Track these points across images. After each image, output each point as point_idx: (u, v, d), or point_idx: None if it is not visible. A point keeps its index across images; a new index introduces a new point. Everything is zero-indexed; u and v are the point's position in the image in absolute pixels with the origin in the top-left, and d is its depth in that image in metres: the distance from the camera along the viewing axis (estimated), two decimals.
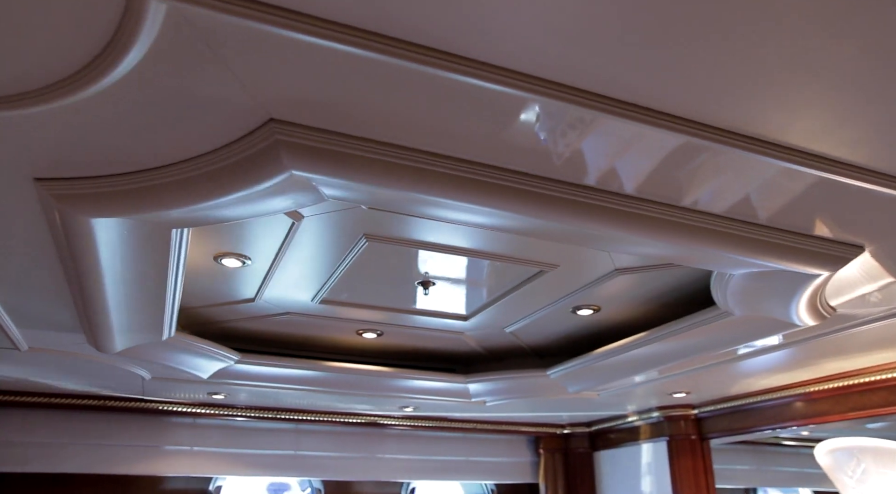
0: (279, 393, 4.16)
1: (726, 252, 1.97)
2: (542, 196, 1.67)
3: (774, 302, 2.37)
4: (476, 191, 1.67)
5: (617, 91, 1.38)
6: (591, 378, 3.70)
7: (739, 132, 1.50)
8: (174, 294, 2.61)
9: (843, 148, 1.56)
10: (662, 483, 4.67)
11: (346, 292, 3.07)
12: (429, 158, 1.60)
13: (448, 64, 1.30)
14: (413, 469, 5.20)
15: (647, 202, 1.80)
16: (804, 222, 1.90)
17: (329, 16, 1.19)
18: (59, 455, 4.38)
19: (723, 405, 4.40)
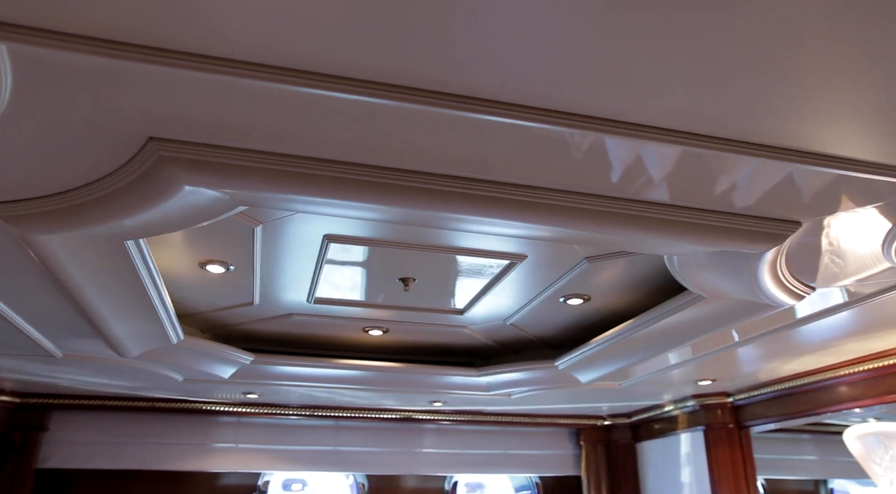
0: (304, 391, 4.34)
1: (651, 236, 1.94)
2: (411, 189, 1.72)
3: (729, 283, 2.29)
4: (350, 189, 1.73)
5: (513, 96, 1.41)
6: (598, 368, 3.66)
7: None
8: (162, 301, 2.81)
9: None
10: (700, 474, 4.53)
11: (335, 292, 3.19)
12: (306, 163, 1.68)
13: (300, 80, 1.38)
14: (453, 463, 5.28)
15: (559, 192, 1.81)
16: (737, 201, 1.84)
17: (165, 45, 1.29)
18: (119, 453, 4.75)
19: (758, 391, 4.22)
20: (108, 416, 4.78)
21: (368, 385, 4.09)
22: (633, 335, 3.11)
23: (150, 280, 2.53)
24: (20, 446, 4.53)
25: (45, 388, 4.50)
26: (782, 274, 2.26)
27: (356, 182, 1.73)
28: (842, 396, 3.69)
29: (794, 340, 3.20)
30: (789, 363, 3.67)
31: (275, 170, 1.69)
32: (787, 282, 2.32)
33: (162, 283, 2.64)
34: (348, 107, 1.45)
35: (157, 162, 1.63)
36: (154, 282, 2.57)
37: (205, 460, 4.87)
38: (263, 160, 1.68)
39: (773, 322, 2.88)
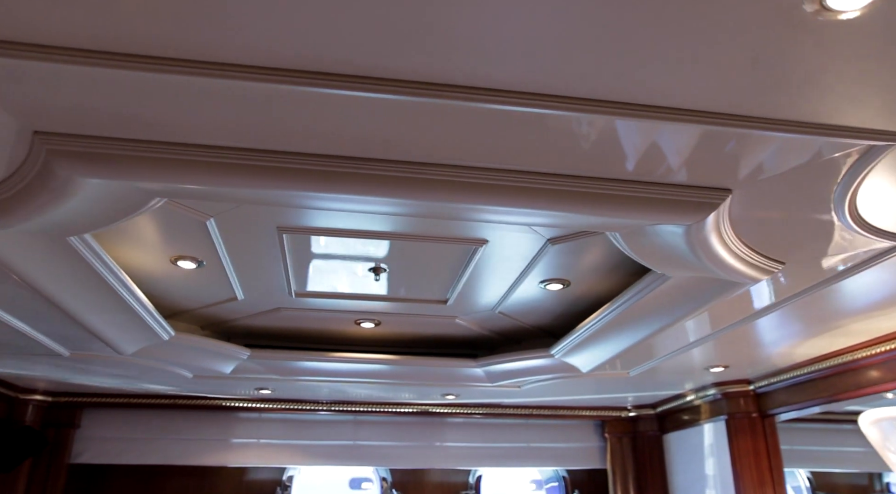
0: (312, 385, 4.39)
1: (575, 212, 1.85)
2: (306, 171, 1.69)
3: (680, 259, 2.16)
4: (257, 175, 1.73)
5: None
6: (592, 355, 3.54)
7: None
8: (135, 297, 2.89)
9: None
10: (723, 465, 4.33)
11: (312, 284, 3.20)
12: (200, 151, 1.68)
13: (185, 69, 1.40)
14: (475, 457, 5.23)
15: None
16: (663, 171, 1.73)
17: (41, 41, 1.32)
18: (146, 449, 4.92)
19: (780, 377, 3.99)
20: (135, 413, 4.96)
21: (367, 378, 4.10)
22: (612, 319, 2.99)
23: (113, 276, 2.60)
24: (53, 442, 4.76)
25: (76, 388, 4.71)
26: (736, 248, 2.12)
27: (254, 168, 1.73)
28: (869, 379, 3.44)
29: (798, 317, 3.01)
30: (801, 346, 3.45)
31: (166, 159, 1.70)
32: (745, 256, 2.17)
33: (127, 278, 2.71)
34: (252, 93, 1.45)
35: (48, 157, 1.66)
36: (118, 277, 2.63)
37: (227, 455, 4.99)
38: (154, 150, 1.69)
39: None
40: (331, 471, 5.44)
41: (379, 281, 3.05)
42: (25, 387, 4.68)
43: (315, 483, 6.00)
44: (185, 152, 1.66)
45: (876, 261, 2.27)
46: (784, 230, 2.08)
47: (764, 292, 2.62)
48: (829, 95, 1.44)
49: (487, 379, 4.11)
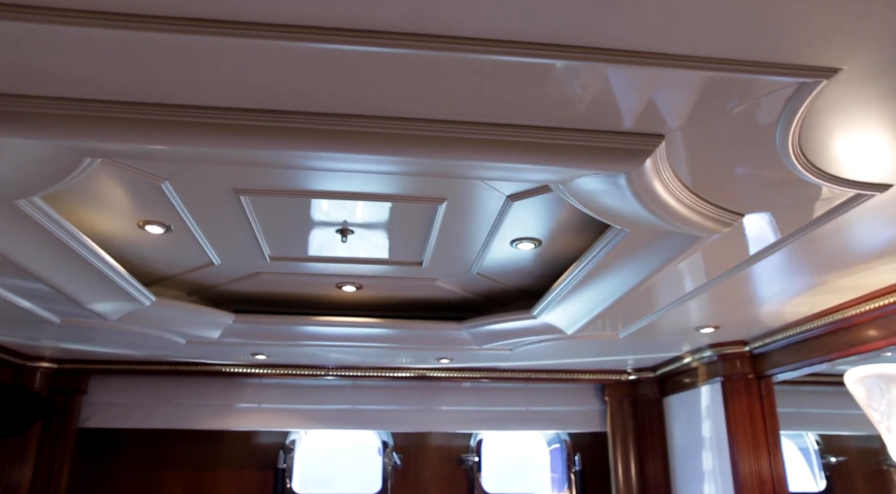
0: (303, 350, 4.43)
1: (504, 162, 1.79)
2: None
3: (632, 211, 2.09)
4: (178, 131, 1.71)
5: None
6: (572, 316, 3.49)
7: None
8: (104, 261, 2.92)
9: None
10: (719, 426, 4.26)
11: (284, 248, 3.20)
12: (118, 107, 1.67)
13: (103, 22, 1.39)
14: (474, 420, 5.24)
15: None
16: (591, 117, 1.66)
17: None
18: (151, 414, 5.04)
19: (776, 337, 3.89)
20: (140, 380, 5.08)
21: (352, 342, 4.12)
22: (583, 278, 2.93)
23: (73, 240, 2.63)
24: (61, 408, 4.90)
25: (82, 355, 4.83)
26: (686, 197, 2.04)
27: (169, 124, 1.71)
28: (861, 337, 3.32)
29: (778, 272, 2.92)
30: (789, 305, 3.35)
31: (87, 116, 1.69)
32: (697, 207, 2.09)
33: (90, 241, 2.73)
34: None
35: None
36: (79, 241, 2.66)
37: (230, 419, 5.08)
38: (74, 107, 1.68)
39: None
40: (337, 437, 5.49)
41: (346, 243, 3.03)
42: (32, 355, 4.81)
43: (333, 447, 6.11)
44: (106, 109, 1.64)
45: (842, 211, 2.17)
46: (736, 180, 2.00)
47: (734, 246, 2.53)
48: (750, 29, 1.35)
49: (474, 342, 4.10)
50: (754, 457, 4.01)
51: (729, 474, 4.11)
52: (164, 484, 5.10)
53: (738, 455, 4.06)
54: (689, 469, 4.64)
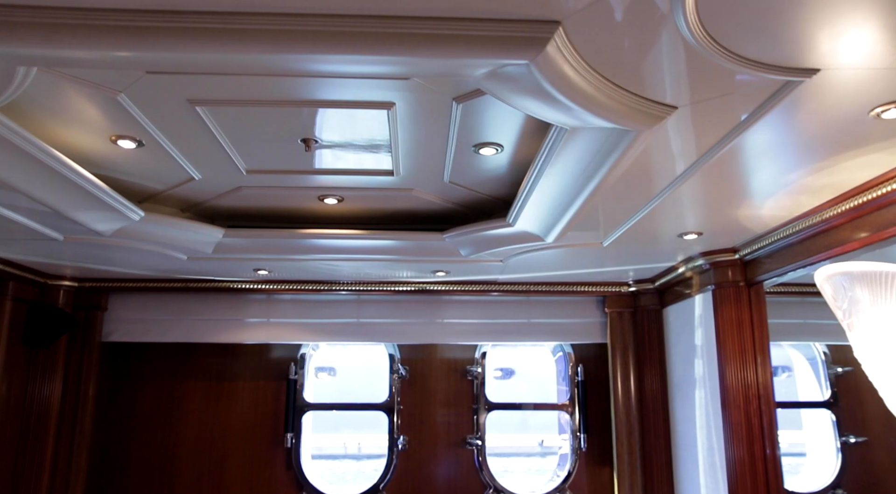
0: (300, 265, 4.58)
1: (395, 56, 1.80)
2: None
3: (551, 103, 2.07)
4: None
5: None
6: (545, 222, 3.50)
7: None
8: (82, 177, 3.05)
9: None
10: (709, 335, 4.28)
11: (257, 160, 3.27)
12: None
13: None
14: (475, 332, 5.37)
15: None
16: (481, 5, 1.64)
17: None
18: (168, 329, 5.33)
19: (761, 244, 3.83)
20: (156, 297, 5.35)
21: (339, 254, 4.23)
22: (540, 182, 2.93)
23: (40, 151, 2.75)
24: (84, 323, 5.22)
25: (100, 274, 5.10)
26: (604, 86, 2.01)
27: None
28: (839, 239, 3.26)
29: (735, 172, 2.87)
30: (763, 208, 3.29)
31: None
32: (619, 99, 2.06)
33: (58, 154, 2.84)
34: None
35: None
36: (46, 152, 2.78)
37: (241, 333, 5.34)
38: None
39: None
40: (348, 357, 5.71)
41: (313, 153, 3.08)
42: (54, 274, 5.10)
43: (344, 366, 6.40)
44: (31, 15, 1.70)
45: (773, 103, 2.10)
46: (648, 68, 1.95)
47: (677, 144, 2.49)
48: None
49: (460, 252, 4.16)
50: (741, 365, 4.03)
51: (717, 381, 4.16)
52: (185, 394, 5.43)
53: (725, 362, 4.08)
54: (684, 378, 4.70)
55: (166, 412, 5.39)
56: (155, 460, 5.30)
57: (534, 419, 5.81)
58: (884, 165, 2.71)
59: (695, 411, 4.48)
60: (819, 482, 5.26)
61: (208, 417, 5.42)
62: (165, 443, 5.34)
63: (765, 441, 3.92)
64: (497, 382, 6.98)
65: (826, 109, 2.18)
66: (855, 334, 2.90)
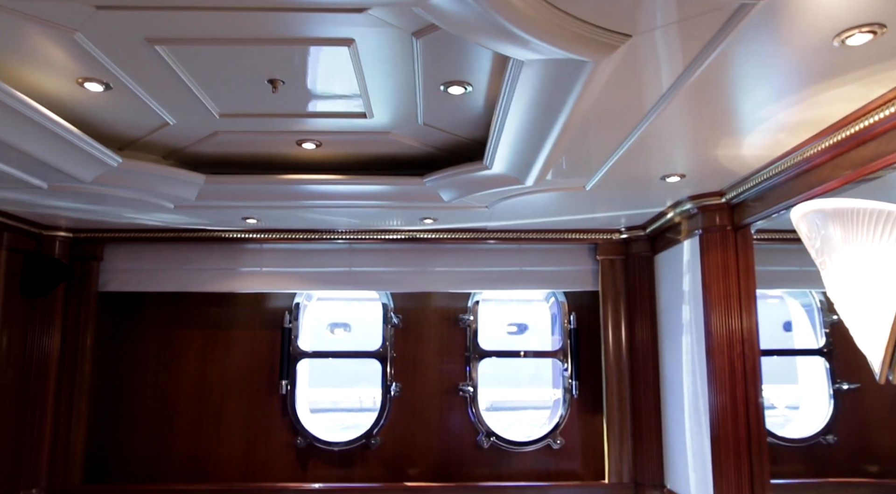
0: (286, 213, 4.60)
1: None
2: None
3: (495, 28, 2.01)
4: None
5: None
6: (521, 164, 3.45)
7: None
8: (52, 121, 3.06)
9: None
10: (696, 280, 4.25)
11: (227, 103, 3.25)
12: None
13: None
14: (467, 280, 5.38)
15: None
16: None
17: None
18: (163, 279, 5.39)
19: (747, 186, 3.75)
20: (150, 247, 5.40)
21: (322, 201, 4.23)
22: (508, 120, 2.88)
23: (8, 96, 2.75)
24: (80, 273, 5.29)
25: (94, 224, 5.15)
26: (547, 11, 1.94)
27: None
28: (820, 178, 3.19)
29: (708, 106, 2.79)
30: (742, 147, 3.21)
31: None
32: (565, 24, 2.00)
33: (25, 97, 2.84)
34: None
35: None
36: (14, 96, 2.78)
37: (235, 282, 5.39)
38: None
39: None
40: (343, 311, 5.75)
41: (277, 93, 3.05)
42: (49, 225, 5.16)
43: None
44: None
45: (730, 30, 2.03)
46: None
47: (637, 78, 2.43)
48: None
49: (442, 197, 4.13)
50: (725, 311, 4.00)
51: (703, 326, 4.14)
52: (184, 342, 5.52)
53: (710, 308, 4.05)
54: (672, 324, 4.68)
55: (165, 360, 5.50)
56: (155, 405, 5.43)
57: (528, 369, 5.83)
58: (859, 99, 2.62)
59: (682, 357, 4.48)
60: (810, 428, 5.26)
61: (206, 365, 5.52)
62: (165, 389, 5.46)
63: (747, 386, 3.91)
64: (511, 337, 7.04)
65: (788, 36, 2.10)
66: (827, 272, 2.85)
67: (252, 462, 5.39)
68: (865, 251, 2.74)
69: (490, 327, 5.95)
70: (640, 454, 4.99)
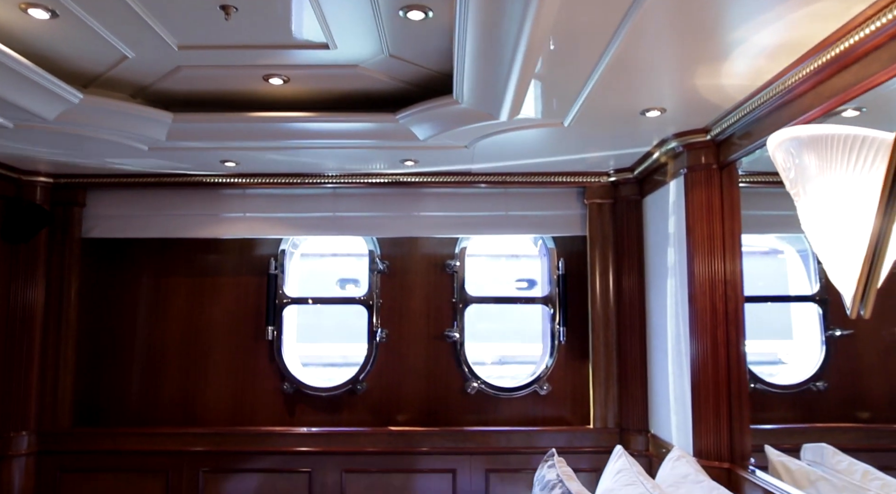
0: (270, 157, 4.51)
1: None
2: None
3: None
4: None
5: None
6: (487, 95, 3.31)
7: None
8: (4, 54, 2.96)
9: None
10: (681, 222, 4.12)
11: (184, 35, 3.13)
12: None
13: None
14: (452, 225, 5.28)
15: None
16: None
17: None
18: (147, 225, 5.34)
19: (731, 120, 3.58)
20: (133, 193, 5.34)
21: (291, 140, 4.12)
22: (467, 45, 2.74)
23: None
24: (63, 219, 5.26)
25: (75, 170, 5.09)
26: None
27: None
28: (802, 107, 3.03)
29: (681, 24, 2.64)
30: (720, 75, 3.05)
31: None
32: None
33: None
34: None
35: None
36: None
37: (218, 228, 5.33)
38: None
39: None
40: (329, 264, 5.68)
41: (231, 21, 2.92)
42: (28, 169, 5.10)
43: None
44: None
45: None
46: None
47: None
48: None
49: (416, 134, 4.00)
50: (709, 253, 3.87)
51: (686, 269, 4.03)
52: (171, 289, 5.50)
53: (693, 249, 3.93)
54: (658, 268, 4.57)
55: (152, 306, 5.49)
56: (143, 352, 5.44)
57: (536, 325, 5.73)
58: (838, 17, 2.46)
59: (667, 302, 4.39)
60: (800, 375, 5.17)
61: (193, 311, 5.50)
62: (152, 336, 5.46)
63: (728, 329, 3.82)
64: (521, 292, 6.95)
65: None
66: (802, 203, 2.73)
67: (240, 407, 5.41)
68: (840, 182, 2.61)
69: (496, 282, 5.89)
70: (626, 399, 4.94)
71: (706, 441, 3.86)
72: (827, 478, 3.39)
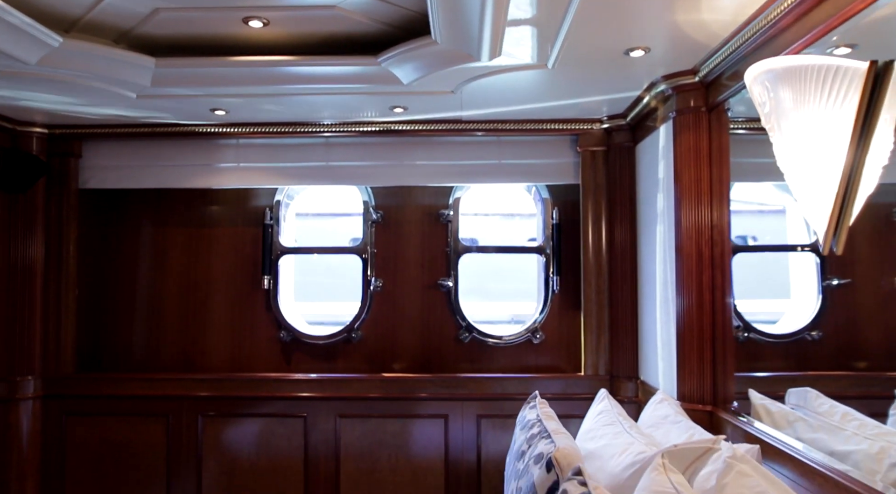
0: (255, 104, 4.49)
1: None
2: None
3: None
4: None
5: None
6: (466, 36, 3.26)
7: None
8: None
9: None
10: (669, 168, 4.07)
11: None
12: None
13: None
14: (445, 174, 5.26)
15: None
16: None
17: None
18: (142, 175, 5.38)
19: (717, 60, 3.51)
20: (128, 143, 5.36)
21: (275, 86, 4.10)
22: None
23: None
24: (59, 170, 5.31)
25: (71, 120, 5.11)
26: None
27: None
28: (785, 42, 2.94)
29: None
30: (704, 10, 2.97)
31: None
32: None
33: None
34: None
35: None
36: None
37: (213, 178, 5.36)
38: None
39: None
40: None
41: None
42: (23, 120, 5.13)
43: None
44: None
45: None
46: None
47: None
48: None
49: (399, 77, 3.96)
50: (696, 198, 3.83)
51: (673, 214, 3.99)
52: (168, 240, 5.56)
53: (681, 194, 3.89)
54: (649, 215, 4.54)
55: (151, 256, 5.56)
56: (143, 300, 5.54)
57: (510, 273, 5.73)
58: None
59: (656, 247, 4.36)
60: (795, 325, 5.15)
61: (191, 261, 5.57)
62: (152, 285, 5.54)
63: (714, 274, 3.80)
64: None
65: None
66: (777, 137, 2.68)
67: (238, 354, 5.50)
68: (814, 116, 2.56)
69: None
70: (616, 346, 4.96)
71: (689, 385, 3.87)
72: (805, 419, 3.40)
